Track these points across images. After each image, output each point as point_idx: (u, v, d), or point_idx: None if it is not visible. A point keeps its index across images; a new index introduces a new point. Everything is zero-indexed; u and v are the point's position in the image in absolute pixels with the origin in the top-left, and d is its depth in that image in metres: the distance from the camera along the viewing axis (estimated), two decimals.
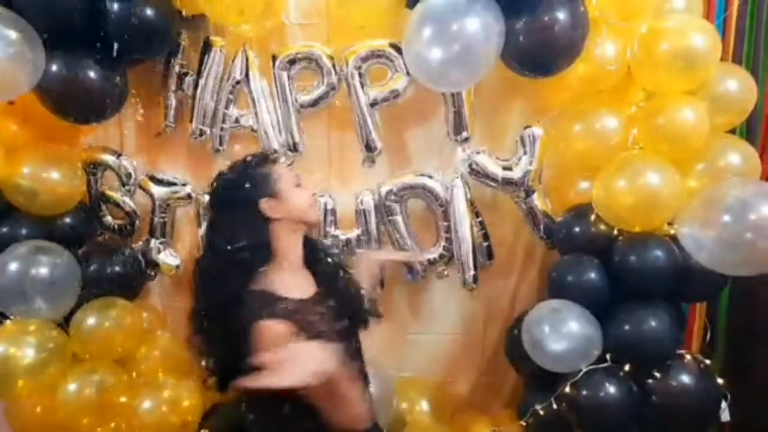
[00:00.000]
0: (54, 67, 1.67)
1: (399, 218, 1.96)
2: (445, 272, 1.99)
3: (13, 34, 1.55)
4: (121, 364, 1.89)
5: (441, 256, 1.98)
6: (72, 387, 1.76)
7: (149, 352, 1.95)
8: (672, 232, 1.65)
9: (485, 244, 1.97)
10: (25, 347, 1.70)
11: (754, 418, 1.79)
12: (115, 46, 1.67)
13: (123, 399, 1.82)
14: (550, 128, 1.86)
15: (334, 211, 1.98)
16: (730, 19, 1.86)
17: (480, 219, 1.96)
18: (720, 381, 1.65)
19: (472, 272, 1.94)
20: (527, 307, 1.93)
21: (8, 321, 1.76)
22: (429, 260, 1.99)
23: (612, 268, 1.70)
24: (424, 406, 1.98)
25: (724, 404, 1.61)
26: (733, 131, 1.82)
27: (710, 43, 1.65)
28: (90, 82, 1.70)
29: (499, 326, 2.06)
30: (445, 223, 1.95)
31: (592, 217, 1.76)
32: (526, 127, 1.89)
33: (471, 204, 1.94)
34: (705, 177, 1.68)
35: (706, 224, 1.51)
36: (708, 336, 1.86)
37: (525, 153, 1.88)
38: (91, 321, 1.82)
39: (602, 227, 1.75)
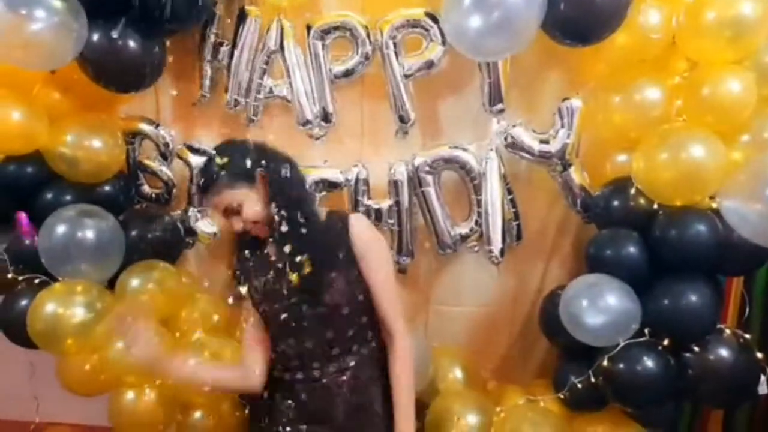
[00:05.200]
0: (96, 36, 1.68)
1: (432, 190, 1.96)
2: (476, 247, 2.00)
3: (57, 3, 1.56)
4: (163, 324, 1.94)
5: (472, 230, 1.98)
6: (118, 346, 1.78)
7: (190, 314, 1.99)
8: (714, 205, 1.62)
9: (515, 223, 1.96)
10: (73, 307, 1.75)
11: None
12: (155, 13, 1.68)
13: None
14: (589, 100, 1.83)
15: (366, 181, 1.99)
16: None
17: (512, 197, 1.95)
18: (759, 355, 1.64)
19: (500, 246, 1.94)
20: (559, 281, 1.94)
21: (57, 282, 1.82)
22: (460, 234, 1.99)
23: (652, 242, 1.68)
24: (457, 374, 2.00)
25: (762, 378, 1.60)
26: None
27: (761, 11, 1.59)
28: (131, 51, 1.72)
29: (530, 300, 2.07)
30: (478, 197, 1.94)
31: (632, 191, 1.73)
32: (564, 99, 1.85)
33: (504, 180, 1.93)
34: (750, 149, 1.63)
35: (751, 197, 1.48)
36: (747, 310, 1.83)
37: (563, 125, 1.85)
38: (134, 283, 1.86)
39: (642, 201, 1.72)
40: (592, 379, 1.71)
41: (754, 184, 1.49)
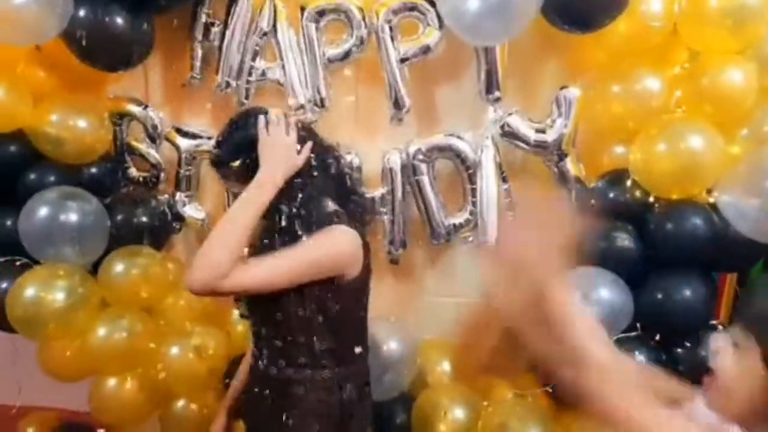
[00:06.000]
0: (81, 12, 1.64)
1: (425, 179, 1.92)
2: (470, 238, 1.96)
3: None
4: (147, 312, 1.91)
5: (467, 221, 1.95)
6: (101, 332, 1.78)
7: (175, 301, 1.96)
8: (711, 200, 1.59)
9: (511, 213, 1.93)
10: (55, 291, 1.72)
11: None
12: None
13: (151, 345, 1.85)
14: (587, 89, 1.79)
15: (359, 169, 1.95)
16: None
17: (507, 186, 1.91)
18: None
19: (495, 237, 1.91)
20: None
21: (38, 266, 1.78)
22: (454, 225, 1.96)
23: (646, 236, 1.66)
24: (445, 367, 1.98)
25: None
26: None
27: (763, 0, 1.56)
28: (117, 27, 1.68)
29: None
30: (472, 187, 1.91)
31: (628, 183, 1.71)
32: (561, 88, 1.81)
33: (500, 168, 1.89)
34: (749, 142, 1.61)
35: (749, 192, 1.46)
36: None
37: (560, 115, 1.81)
38: (118, 268, 1.83)
39: (637, 194, 1.69)
40: None
41: (753, 177, 1.47)
